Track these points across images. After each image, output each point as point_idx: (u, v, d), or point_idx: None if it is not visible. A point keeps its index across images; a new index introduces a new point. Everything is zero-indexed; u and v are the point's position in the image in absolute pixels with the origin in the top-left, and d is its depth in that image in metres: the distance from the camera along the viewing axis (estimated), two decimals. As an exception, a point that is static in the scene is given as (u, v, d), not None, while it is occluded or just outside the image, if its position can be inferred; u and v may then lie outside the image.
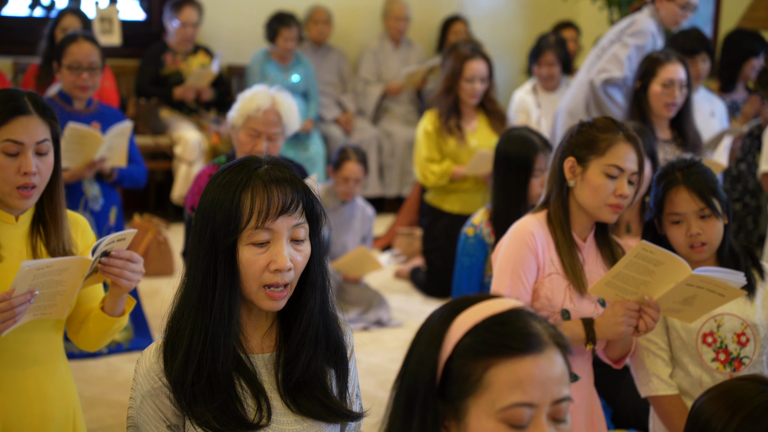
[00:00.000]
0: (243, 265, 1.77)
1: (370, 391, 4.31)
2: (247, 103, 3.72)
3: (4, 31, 6.76)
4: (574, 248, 2.70)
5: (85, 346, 2.51)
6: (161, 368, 1.79)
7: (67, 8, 5.81)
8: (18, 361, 2.42)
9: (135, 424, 1.82)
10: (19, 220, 2.45)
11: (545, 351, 1.34)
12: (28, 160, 2.37)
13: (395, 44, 7.86)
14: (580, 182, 2.67)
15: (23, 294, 2.20)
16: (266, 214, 1.75)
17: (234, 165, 1.82)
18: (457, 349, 1.35)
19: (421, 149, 5.63)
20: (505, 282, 2.67)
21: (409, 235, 6.50)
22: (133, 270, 2.34)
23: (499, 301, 1.39)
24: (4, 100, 2.38)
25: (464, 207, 5.60)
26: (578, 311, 2.67)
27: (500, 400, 1.32)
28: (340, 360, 1.91)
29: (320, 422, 1.86)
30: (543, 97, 6.21)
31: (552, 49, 6.12)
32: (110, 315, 2.41)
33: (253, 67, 7.18)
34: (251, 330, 1.86)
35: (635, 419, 3.53)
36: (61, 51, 4.41)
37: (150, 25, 7.47)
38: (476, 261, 3.88)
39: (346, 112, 7.72)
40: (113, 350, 4.66)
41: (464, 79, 5.44)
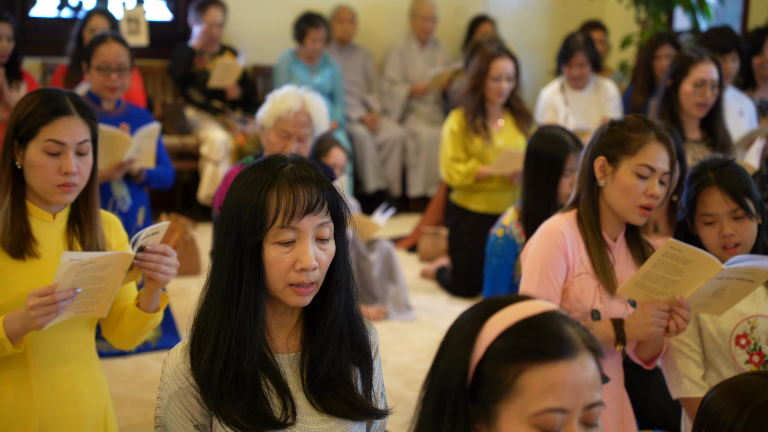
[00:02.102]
0: (268, 264, 1.77)
1: (397, 390, 4.30)
2: (278, 104, 3.72)
3: (32, 32, 6.81)
4: (604, 248, 2.68)
5: (121, 344, 2.54)
6: (188, 368, 1.80)
7: (96, 9, 5.84)
8: (53, 359, 2.46)
9: (163, 423, 1.82)
10: (56, 218, 2.49)
11: (578, 356, 1.32)
12: (69, 161, 2.40)
13: (422, 44, 7.85)
14: (610, 182, 2.65)
15: (66, 290, 2.22)
16: (292, 214, 1.75)
17: (259, 164, 1.82)
18: (489, 352, 1.34)
19: (447, 149, 5.62)
20: (533, 281, 2.65)
21: (435, 234, 6.49)
22: (169, 264, 2.38)
23: (532, 303, 1.38)
24: (47, 101, 2.42)
25: (490, 206, 5.58)
26: (608, 311, 2.65)
27: (532, 405, 1.31)
28: (365, 358, 1.91)
29: (346, 421, 1.85)
30: (571, 95, 6.18)
31: (582, 49, 6.08)
32: (146, 311, 2.44)
33: (281, 67, 7.20)
34: (276, 329, 1.86)
35: (664, 421, 3.51)
36: (90, 52, 4.44)
37: (176, 26, 7.50)
38: (504, 262, 3.87)
39: (372, 111, 7.72)
40: (141, 349, 4.69)
41: (491, 78, 5.42)
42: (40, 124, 2.40)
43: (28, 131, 2.41)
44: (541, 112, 6.21)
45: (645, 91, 5.89)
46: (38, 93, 2.45)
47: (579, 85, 6.17)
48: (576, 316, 2.64)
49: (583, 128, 5.81)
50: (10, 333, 2.29)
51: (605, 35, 7.57)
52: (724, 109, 4.44)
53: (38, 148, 2.41)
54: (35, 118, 2.40)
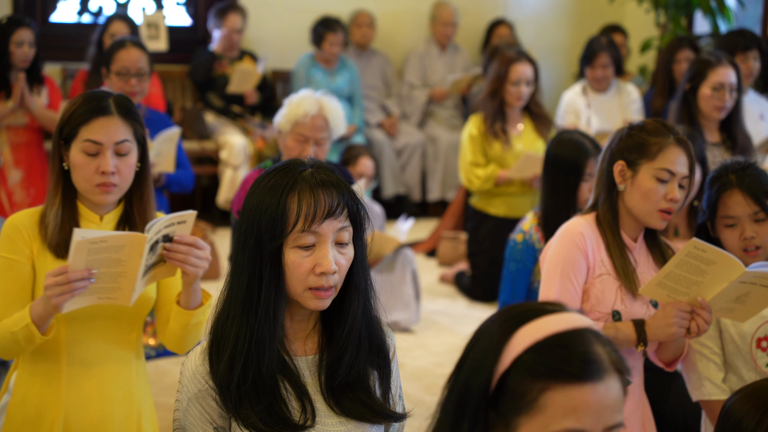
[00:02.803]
0: (288, 267, 1.77)
1: (416, 394, 4.30)
2: (294, 108, 3.73)
3: (52, 37, 6.85)
4: (625, 250, 2.67)
5: (173, 347, 2.51)
6: (207, 371, 1.80)
7: (116, 14, 5.88)
8: (87, 359, 2.47)
9: (182, 426, 1.83)
10: (103, 220, 2.50)
11: (605, 379, 1.31)
12: (106, 160, 2.41)
13: (441, 49, 7.85)
14: (630, 186, 2.64)
15: (80, 270, 2.20)
16: (313, 218, 1.75)
17: (278, 168, 1.82)
18: (516, 365, 1.32)
19: (466, 153, 5.61)
20: (554, 283, 2.64)
21: (454, 239, 6.49)
22: (199, 256, 2.32)
23: (563, 317, 1.35)
24: (88, 101, 2.44)
25: (509, 210, 5.57)
26: (629, 312, 2.64)
27: (553, 424, 1.30)
28: (383, 362, 1.91)
29: (364, 423, 1.86)
30: (593, 98, 6.16)
31: (606, 50, 6.06)
32: (185, 308, 2.40)
33: (299, 71, 7.21)
34: (294, 332, 1.86)
35: (684, 424, 3.49)
36: (110, 57, 4.46)
37: (196, 31, 7.53)
38: (523, 267, 3.86)
39: (391, 116, 7.72)
40: (161, 353, 4.70)
41: (510, 83, 5.41)
42: (80, 124, 2.42)
43: (70, 131, 2.43)
44: (562, 114, 6.19)
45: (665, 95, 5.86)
46: (84, 94, 2.48)
47: (601, 87, 6.15)
48: (597, 317, 2.63)
49: (606, 130, 5.79)
50: (35, 318, 2.29)
51: (625, 39, 7.54)
52: (744, 112, 4.42)
53: (78, 149, 2.43)
54: (75, 118, 2.43)
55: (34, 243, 2.43)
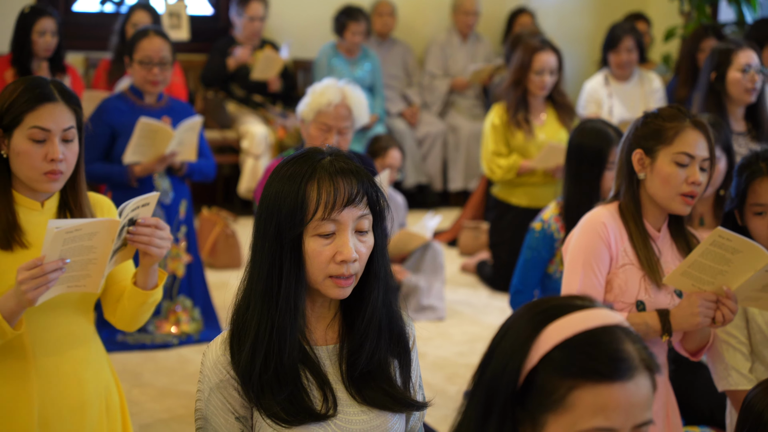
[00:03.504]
0: (309, 256, 1.77)
1: (438, 384, 4.29)
2: (318, 97, 3.72)
3: (75, 27, 6.87)
4: (648, 239, 2.65)
5: (123, 326, 2.49)
6: (228, 360, 1.80)
7: (138, 4, 5.90)
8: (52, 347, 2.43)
9: (204, 416, 1.82)
10: (44, 207, 2.46)
11: (634, 377, 1.30)
12: (54, 147, 2.38)
13: (463, 38, 7.82)
14: (650, 174, 2.62)
15: (55, 261, 2.18)
16: (332, 206, 1.75)
17: (297, 157, 1.81)
18: (544, 362, 1.32)
19: (488, 143, 5.59)
20: (577, 273, 2.63)
21: (475, 228, 6.47)
22: (162, 237, 2.31)
23: (593, 313, 1.34)
24: (31, 87, 2.40)
25: (532, 201, 5.55)
26: (654, 302, 2.62)
27: (581, 422, 1.29)
28: (403, 350, 1.90)
29: (386, 412, 1.85)
30: (615, 87, 6.12)
31: (630, 34, 6.01)
32: (143, 289, 2.39)
33: (321, 60, 7.21)
34: (315, 322, 1.86)
35: (710, 415, 3.47)
36: (133, 46, 4.47)
37: (218, 20, 7.54)
38: (537, 255, 3.83)
39: (412, 105, 7.70)
40: (183, 341, 4.72)
41: (533, 72, 5.38)
42: (25, 111, 2.38)
43: (12, 119, 2.38)
44: (584, 104, 6.16)
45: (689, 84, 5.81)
46: (22, 81, 2.43)
47: (624, 74, 6.10)
48: (620, 307, 2.61)
49: (628, 119, 5.75)
50: (6, 313, 2.25)
51: (648, 27, 7.49)
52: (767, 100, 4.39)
53: (23, 136, 2.38)
54: (19, 105, 2.38)
55: None
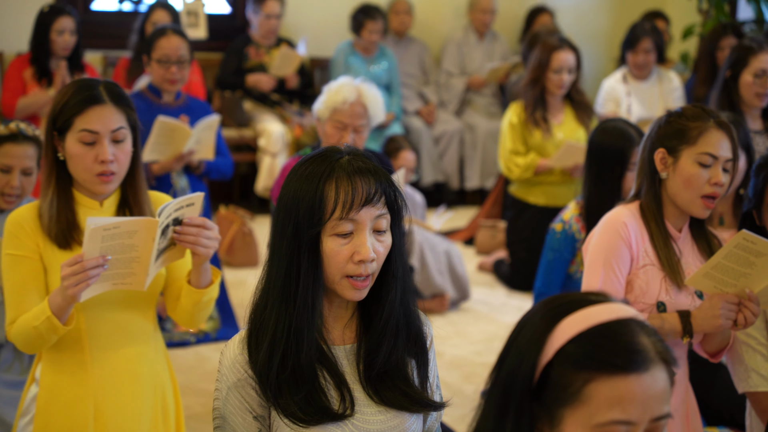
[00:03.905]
0: (326, 255, 1.77)
1: (455, 383, 4.29)
2: (333, 95, 3.73)
3: (93, 26, 6.90)
4: (669, 240, 2.64)
5: (184, 323, 2.55)
6: (246, 360, 1.80)
7: (158, 3, 5.91)
8: (109, 342, 2.49)
9: (221, 415, 1.83)
10: (103, 206, 2.51)
11: (650, 369, 1.29)
12: (104, 149, 2.42)
13: (480, 36, 7.80)
14: (672, 173, 2.60)
15: (95, 258, 2.22)
16: (351, 205, 1.75)
17: (315, 156, 1.81)
18: (559, 356, 1.32)
19: (506, 141, 5.58)
20: (597, 273, 2.61)
21: (492, 227, 6.46)
22: (209, 237, 2.35)
23: (608, 307, 1.34)
24: (80, 91, 2.43)
25: (549, 199, 5.53)
26: (674, 303, 2.61)
27: (598, 415, 1.29)
28: (421, 350, 1.90)
29: (403, 412, 1.85)
30: (634, 85, 6.09)
31: (649, 35, 5.99)
32: (196, 287, 2.44)
33: (338, 59, 7.21)
34: (332, 321, 1.86)
35: (729, 416, 3.45)
36: (151, 45, 4.48)
37: (235, 19, 7.55)
38: (559, 256, 3.82)
39: (428, 103, 7.70)
40: (201, 339, 4.74)
41: (551, 70, 5.36)
42: (74, 114, 2.42)
43: (64, 122, 2.43)
44: (602, 102, 6.14)
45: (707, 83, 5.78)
46: (73, 84, 2.48)
47: (642, 74, 6.08)
48: (641, 308, 2.60)
49: (647, 118, 5.73)
50: (54, 309, 2.31)
51: (667, 25, 7.45)
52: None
53: (74, 139, 2.43)
54: (69, 108, 2.43)
55: (38, 236, 2.43)
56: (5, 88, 5.44)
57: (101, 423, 2.48)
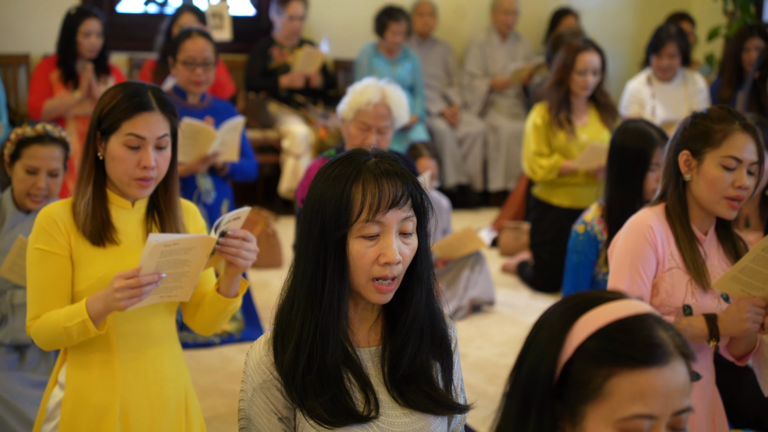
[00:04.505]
0: (353, 257, 1.77)
1: (479, 385, 4.28)
2: (358, 96, 3.73)
3: (119, 27, 6.94)
4: (695, 242, 2.62)
5: (201, 329, 2.58)
6: (271, 361, 1.81)
7: (186, 5, 5.94)
8: (136, 343, 2.51)
9: (247, 416, 1.84)
10: (135, 206, 2.54)
11: (670, 362, 1.30)
12: (148, 155, 2.45)
13: (502, 38, 7.79)
14: (696, 176, 2.59)
15: (151, 274, 2.27)
16: (377, 208, 1.75)
17: (342, 158, 1.82)
18: (579, 353, 1.32)
19: (530, 143, 5.57)
20: (623, 276, 2.61)
21: (516, 229, 6.45)
22: (249, 249, 2.40)
23: (625, 303, 1.35)
24: (130, 96, 2.46)
25: (573, 201, 5.52)
26: (700, 307, 2.59)
27: (620, 410, 1.29)
28: (445, 353, 1.90)
29: (428, 415, 1.85)
30: (658, 87, 6.06)
31: (674, 40, 5.96)
32: (225, 296, 2.47)
33: (361, 60, 7.22)
34: (358, 323, 1.86)
35: (756, 419, 3.43)
36: (176, 47, 4.51)
37: (259, 21, 7.58)
38: (585, 258, 3.81)
39: (452, 105, 7.69)
40: (225, 340, 4.76)
41: (576, 72, 5.35)
42: (122, 119, 2.44)
43: (110, 125, 2.45)
44: (626, 104, 6.11)
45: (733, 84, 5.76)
46: (122, 87, 2.49)
47: (667, 77, 6.05)
48: (667, 311, 2.59)
49: (672, 120, 5.70)
50: (93, 314, 2.34)
51: (692, 27, 7.41)
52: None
53: (119, 142, 2.45)
54: (118, 112, 2.45)
55: (71, 233, 2.46)
56: (32, 91, 5.48)
57: (126, 423, 2.49)
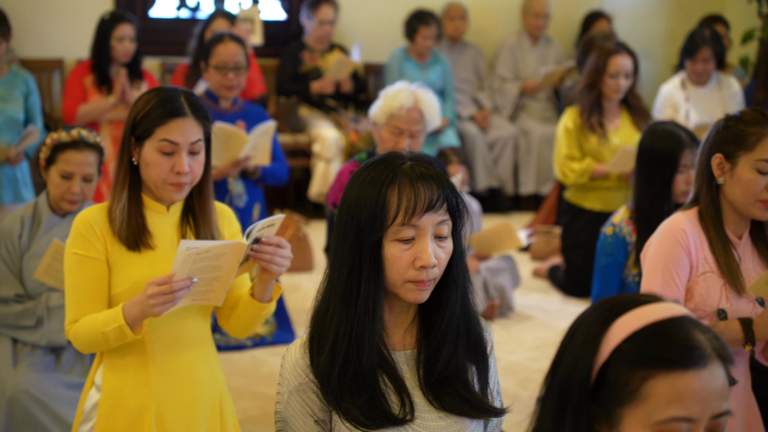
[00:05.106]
0: (388, 261, 1.77)
1: (511, 389, 4.27)
2: (390, 100, 3.74)
3: (151, 32, 6.98)
4: (728, 246, 2.60)
5: (235, 333, 2.59)
6: (307, 364, 1.81)
7: (219, 11, 5.96)
8: (171, 346, 2.53)
9: (283, 418, 1.84)
10: (170, 210, 2.56)
11: (708, 365, 1.29)
12: (181, 161, 2.46)
13: (533, 41, 7.77)
14: (729, 179, 2.58)
15: (183, 279, 2.28)
16: (413, 211, 1.75)
17: (377, 161, 1.82)
18: (615, 355, 1.32)
19: (561, 147, 5.55)
20: (656, 280, 2.59)
21: (548, 233, 6.43)
22: (283, 255, 2.42)
23: (661, 306, 1.34)
24: (163, 102, 2.47)
25: (605, 205, 5.49)
26: (735, 311, 2.58)
27: (658, 413, 1.28)
28: (481, 356, 1.90)
29: (464, 418, 1.85)
30: (692, 91, 6.02)
31: (708, 44, 5.92)
32: (259, 301, 2.49)
33: (392, 65, 7.22)
34: (393, 327, 1.86)
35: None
36: (208, 51, 4.53)
37: (290, 25, 7.60)
38: (613, 260, 3.80)
39: (483, 109, 7.68)
40: (257, 343, 4.77)
41: (608, 75, 5.32)
42: (156, 125, 2.46)
43: (144, 131, 2.47)
44: (659, 108, 6.07)
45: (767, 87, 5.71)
46: (155, 92, 2.51)
47: (701, 81, 6.01)
48: (701, 315, 2.57)
49: (706, 123, 5.66)
50: (129, 319, 2.36)
51: (726, 30, 7.35)
52: None
53: (153, 147, 2.47)
54: (152, 118, 2.46)
55: (107, 238, 2.47)
56: (66, 95, 5.53)
57: (162, 426, 2.51)
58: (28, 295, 3.43)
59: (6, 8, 5.36)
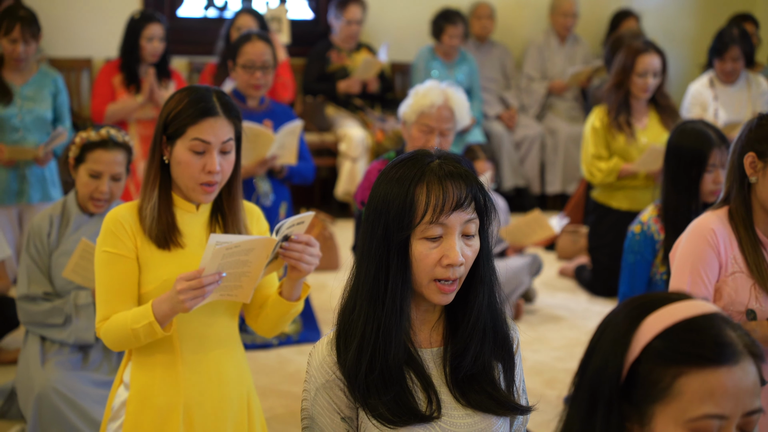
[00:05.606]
0: (415, 258, 1.77)
1: (537, 389, 4.26)
2: (421, 99, 3.74)
3: (179, 32, 7.02)
4: (758, 246, 2.58)
5: (263, 332, 2.60)
6: (334, 361, 1.82)
7: (243, 8, 5.99)
8: (199, 345, 2.53)
9: (310, 416, 1.85)
10: (199, 209, 2.57)
11: (740, 362, 1.28)
12: (212, 160, 2.47)
13: (561, 40, 7.74)
14: (761, 178, 2.56)
15: (212, 274, 2.29)
16: (441, 209, 1.75)
17: (405, 159, 1.82)
18: (646, 352, 1.31)
19: (588, 146, 5.52)
20: (684, 280, 2.58)
21: (574, 232, 6.40)
22: (312, 254, 2.42)
23: (691, 303, 1.34)
24: (195, 101, 2.48)
25: (632, 204, 5.46)
26: (765, 311, 2.56)
27: (690, 410, 1.28)
28: (507, 354, 1.90)
29: (490, 416, 1.84)
30: (721, 89, 5.98)
31: (737, 43, 5.87)
32: (288, 300, 2.50)
33: (418, 64, 7.22)
34: (419, 324, 1.86)
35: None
36: (236, 50, 4.55)
37: (318, 24, 7.62)
38: (641, 258, 3.78)
39: (509, 108, 7.66)
40: (283, 342, 4.79)
41: (636, 74, 5.29)
42: (188, 124, 2.47)
43: (176, 130, 2.48)
44: (688, 107, 6.03)
45: (797, 86, 5.65)
46: (187, 92, 2.51)
47: (730, 80, 5.96)
48: (730, 315, 2.55)
49: (735, 121, 5.62)
50: (159, 316, 2.37)
51: (755, 29, 7.29)
52: None
53: (185, 147, 2.47)
54: (183, 117, 2.47)
55: (137, 236, 2.48)
56: (95, 94, 5.57)
57: (190, 424, 2.52)
58: (56, 293, 3.46)
59: (35, 8, 5.41)
